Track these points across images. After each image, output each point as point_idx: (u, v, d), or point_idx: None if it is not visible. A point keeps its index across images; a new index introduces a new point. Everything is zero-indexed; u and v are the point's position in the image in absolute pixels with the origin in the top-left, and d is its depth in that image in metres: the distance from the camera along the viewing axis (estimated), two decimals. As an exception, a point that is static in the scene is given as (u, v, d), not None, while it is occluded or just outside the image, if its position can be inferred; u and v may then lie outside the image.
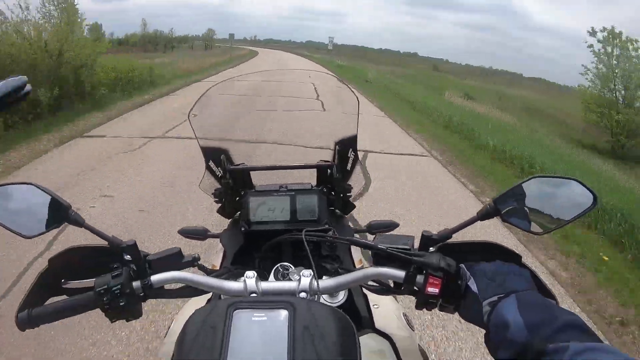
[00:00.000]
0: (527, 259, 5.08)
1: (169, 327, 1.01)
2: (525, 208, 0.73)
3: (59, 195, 0.74)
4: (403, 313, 1.06)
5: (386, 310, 1.00)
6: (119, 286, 0.69)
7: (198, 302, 0.96)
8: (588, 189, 0.71)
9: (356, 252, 1.08)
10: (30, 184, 0.75)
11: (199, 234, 1.12)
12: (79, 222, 0.74)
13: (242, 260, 1.01)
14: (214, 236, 1.11)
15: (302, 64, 31.86)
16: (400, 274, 0.71)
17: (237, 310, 0.58)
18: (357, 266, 1.04)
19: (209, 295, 0.95)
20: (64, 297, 0.74)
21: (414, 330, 1.05)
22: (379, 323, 0.94)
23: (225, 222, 1.15)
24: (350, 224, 1.12)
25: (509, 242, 3.70)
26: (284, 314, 0.58)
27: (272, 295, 0.71)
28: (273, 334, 0.55)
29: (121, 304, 0.69)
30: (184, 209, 3.85)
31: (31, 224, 0.74)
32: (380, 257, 0.74)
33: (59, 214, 0.74)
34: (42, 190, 0.74)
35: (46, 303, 0.74)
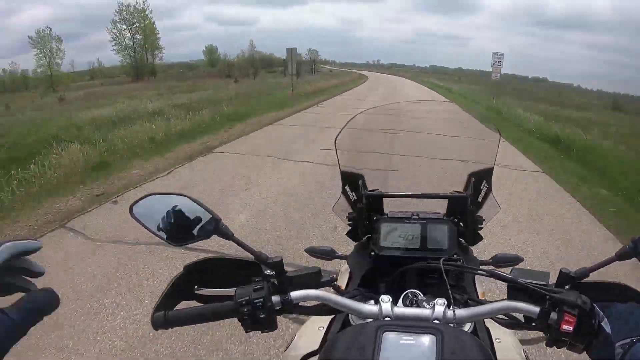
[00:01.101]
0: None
1: (291, 341, 1.05)
2: None
3: (209, 208, 0.79)
4: (524, 350, 1.05)
5: (508, 345, 0.99)
6: (261, 299, 0.72)
7: (320, 321, 1.01)
8: None
9: (479, 285, 1.08)
10: (183, 195, 0.80)
11: (327, 254, 1.13)
12: (227, 235, 0.79)
13: (367, 283, 1.01)
14: (341, 257, 1.13)
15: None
16: (535, 309, 0.72)
17: (386, 332, 0.62)
18: (480, 298, 1.01)
19: (331, 315, 0.96)
20: (193, 302, 0.82)
21: None
22: (501, 358, 0.90)
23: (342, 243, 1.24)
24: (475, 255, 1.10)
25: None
26: (431, 339, 0.60)
27: (411, 321, 0.73)
28: (420, 357, 0.58)
29: (261, 316, 0.73)
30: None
31: (180, 234, 0.79)
32: (514, 291, 0.77)
33: (209, 225, 0.79)
34: (193, 201, 0.79)
35: (177, 307, 0.78)
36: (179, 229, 0.79)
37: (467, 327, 0.86)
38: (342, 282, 1.07)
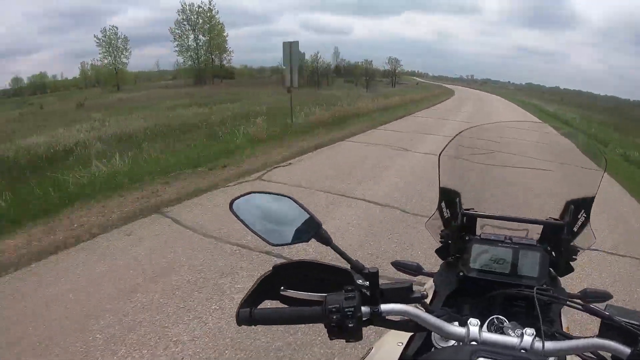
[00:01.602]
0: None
1: (368, 353, 1.04)
2: None
3: (313, 213, 0.80)
4: None
5: None
6: (352, 308, 0.72)
7: (399, 336, 0.97)
8: None
9: (564, 318, 1.04)
10: (290, 197, 0.81)
11: (412, 269, 1.13)
12: (327, 241, 0.80)
13: (451, 303, 0.99)
14: (428, 274, 1.12)
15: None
16: (626, 350, 0.68)
17: (480, 359, 0.61)
18: (565, 331, 0.97)
19: (413, 332, 0.93)
20: (277, 302, 0.82)
21: None
22: None
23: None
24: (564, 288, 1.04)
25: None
26: None
27: (499, 348, 0.70)
28: None
29: (349, 325, 0.72)
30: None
31: (279, 234, 0.82)
32: (606, 329, 0.72)
33: (310, 230, 0.81)
34: (298, 205, 0.82)
35: (260, 306, 0.79)
36: (279, 229, 0.84)
37: None
38: (427, 301, 0.99)
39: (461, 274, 1.01)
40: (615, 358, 0.71)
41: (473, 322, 0.74)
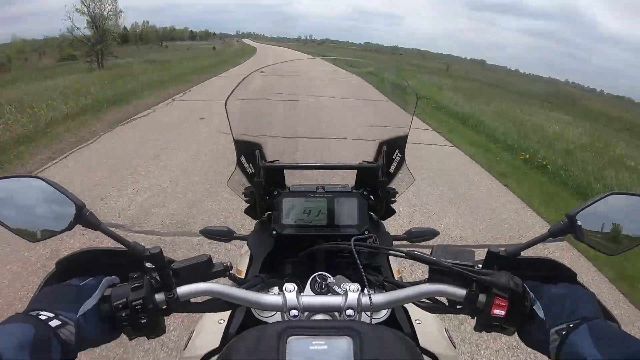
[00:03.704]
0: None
1: (190, 339, 0.96)
2: (601, 226, 0.71)
3: (71, 192, 0.67)
4: (445, 329, 1.03)
5: (429, 326, 0.95)
6: (140, 300, 0.64)
7: (219, 314, 0.92)
8: None
9: (394, 262, 1.06)
10: (38, 177, 0.67)
11: (224, 235, 1.05)
12: (94, 225, 0.68)
13: (271, 266, 0.95)
14: (241, 238, 1.05)
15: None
16: (461, 292, 0.68)
17: (291, 337, 0.54)
18: (397, 277, 1.02)
19: (230, 309, 0.85)
20: None
21: (456, 347, 1.02)
22: (422, 341, 0.88)
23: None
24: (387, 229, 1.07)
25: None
26: (347, 342, 0.54)
27: (321, 311, 0.68)
28: None
29: (142, 321, 0.64)
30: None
31: (37, 225, 0.68)
32: (437, 273, 0.70)
33: (71, 214, 0.66)
34: (50, 185, 0.67)
35: None
36: (35, 219, 0.67)
37: (384, 312, 0.83)
38: (243, 267, 1.03)
39: (274, 232, 0.96)
40: (452, 300, 0.71)
41: (289, 287, 0.68)
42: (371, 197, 1.02)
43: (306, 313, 0.69)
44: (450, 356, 0.93)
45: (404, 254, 0.75)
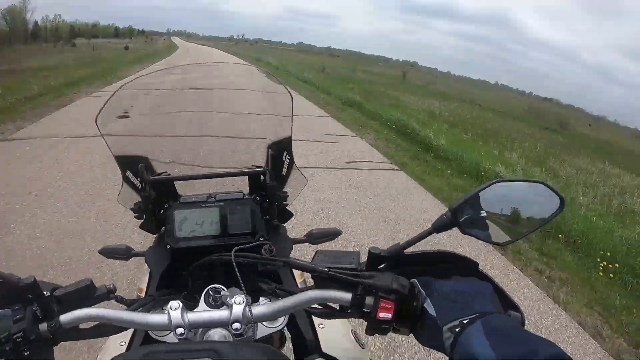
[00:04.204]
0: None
1: None
2: (487, 216, 0.71)
3: None
4: (352, 330, 1.03)
5: (333, 330, 0.95)
6: (21, 333, 0.62)
7: (120, 337, 0.88)
8: (555, 191, 0.71)
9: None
10: None
11: (121, 254, 1.02)
12: None
13: (170, 282, 0.92)
14: (138, 255, 1.01)
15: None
16: (347, 296, 0.66)
17: None
18: (299, 281, 1.03)
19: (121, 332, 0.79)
20: None
21: (364, 349, 1.02)
22: (326, 346, 0.88)
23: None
24: (288, 233, 1.06)
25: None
26: None
27: (208, 327, 0.69)
28: None
29: (26, 353, 0.62)
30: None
31: None
32: (322, 278, 0.69)
33: None
34: None
35: None
36: None
37: (280, 321, 0.82)
38: (144, 284, 1.01)
39: (168, 246, 0.93)
40: (343, 305, 0.69)
41: (173, 305, 0.66)
42: (267, 200, 1.00)
43: (200, 330, 0.68)
44: (357, 359, 0.92)
45: (281, 263, 0.75)
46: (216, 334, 0.69)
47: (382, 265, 0.69)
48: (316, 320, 0.91)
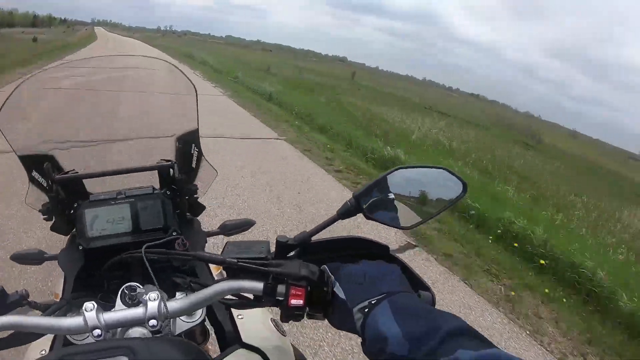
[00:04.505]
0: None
1: None
2: (391, 202, 0.73)
3: None
4: (271, 318, 1.03)
5: (252, 320, 0.96)
6: None
7: (41, 344, 0.87)
8: (457, 176, 0.73)
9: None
10: None
11: (34, 258, 1.01)
12: None
13: (86, 283, 0.90)
14: (51, 258, 1.00)
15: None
16: (259, 285, 0.67)
17: None
18: (215, 273, 1.01)
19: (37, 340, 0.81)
20: None
21: (285, 335, 1.02)
22: (246, 336, 0.88)
23: None
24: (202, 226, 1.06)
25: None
26: None
27: (125, 326, 0.67)
28: None
29: None
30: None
31: None
32: (234, 269, 0.69)
33: None
34: None
35: None
36: None
37: (198, 314, 0.81)
38: (59, 288, 0.98)
39: (81, 247, 0.92)
40: (256, 295, 0.70)
41: (88, 306, 0.64)
42: (178, 194, 0.99)
43: (119, 330, 0.68)
44: (277, 346, 0.93)
45: (190, 257, 0.75)
46: (135, 332, 0.68)
47: (292, 253, 0.72)
48: (235, 312, 0.92)
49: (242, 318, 0.92)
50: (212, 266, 1.01)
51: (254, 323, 0.94)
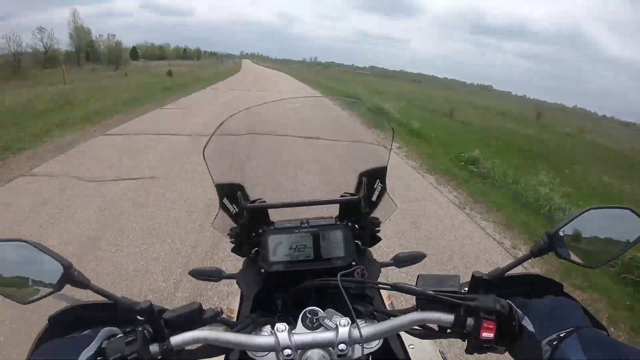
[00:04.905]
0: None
1: None
2: (580, 241, 0.74)
3: (56, 253, 0.69)
4: (440, 350, 1.06)
5: (423, 350, 0.99)
6: (135, 354, 0.64)
7: (215, 359, 0.89)
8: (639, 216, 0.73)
9: (385, 292, 1.07)
10: (22, 240, 0.69)
11: (213, 275, 1.05)
12: (83, 284, 0.70)
13: (262, 304, 0.95)
14: (230, 277, 1.05)
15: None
16: (449, 318, 0.70)
17: None
18: (387, 303, 1.06)
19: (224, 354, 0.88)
20: None
21: None
22: None
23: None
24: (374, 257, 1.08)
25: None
26: None
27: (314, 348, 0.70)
28: None
29: None
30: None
31: (26, 288, 0.68)
32: (425, 300, 0.72)
33: (59, 274, 0.68)
34: (35, 247, 0.68)
35: None
36: (24, 281, 0.69)
37: (375, 342, 0.82)
38: (235, 305, 1.08)
39: (262, 270, 0.97)
40: (442, 326, 0.72)
41: (280, 327, 0.70)
42: (356, 226, 1.01)
43: (299, 351, 0.69)
44: None
45: (389, 287, 0.76)
46: (315, 354, 0.69)
47: (482, 288, 0.72)
48: (406, 341, 0.94)
49: (413, 348, 0.95)
50: (383, 295, 1.12)
51: (425, 353, 1.01)
